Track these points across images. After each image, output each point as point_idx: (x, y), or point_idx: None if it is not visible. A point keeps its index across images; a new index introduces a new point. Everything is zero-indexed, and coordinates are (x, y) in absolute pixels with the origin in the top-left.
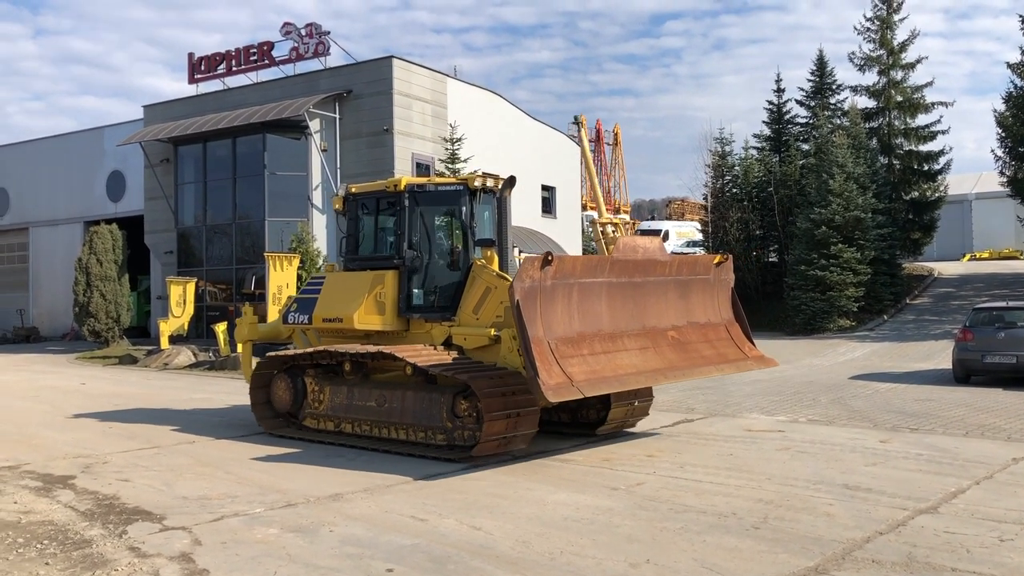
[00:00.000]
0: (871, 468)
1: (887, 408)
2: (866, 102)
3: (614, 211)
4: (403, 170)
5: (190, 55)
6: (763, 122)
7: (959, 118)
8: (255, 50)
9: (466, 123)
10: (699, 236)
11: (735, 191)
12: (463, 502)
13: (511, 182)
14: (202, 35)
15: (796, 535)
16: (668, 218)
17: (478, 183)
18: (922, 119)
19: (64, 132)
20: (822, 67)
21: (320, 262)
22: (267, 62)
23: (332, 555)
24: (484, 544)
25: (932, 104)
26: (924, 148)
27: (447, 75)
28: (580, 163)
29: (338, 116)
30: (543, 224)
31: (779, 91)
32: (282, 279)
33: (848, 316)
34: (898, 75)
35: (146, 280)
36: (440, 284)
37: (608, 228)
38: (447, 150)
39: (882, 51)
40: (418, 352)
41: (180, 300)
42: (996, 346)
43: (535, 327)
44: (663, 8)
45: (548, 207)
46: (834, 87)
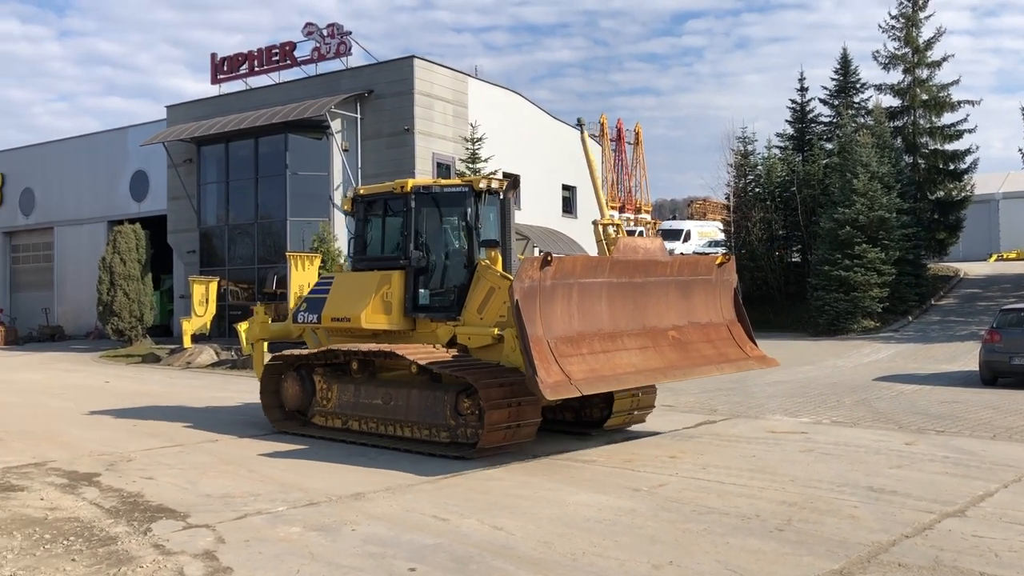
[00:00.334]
0: (896, 470)
1: (912, 410)
2: (891, 101)
3: (635, 211)
4: (424, 170)
5: (213, 56)
6: (786, 121)
7: (986, 117)
8: (277, 50)
9: (487, 123)
10: (721, 236)
11: (758, 191)
12: (484, 502)
13: (515, 183)
14: (225, 36)
15: (820, 537)
16: (690, 218)
17: (483, 185)
18: (948, 118)
19: (88, 132)
20: (846, 66)
21: (342, 261)
22: (289, 62)
23: (354, 554)
24: (506, 544)
25: (958, 102)
26: (950, 147)
27: (468, 75)
28: (601, 162)
29: (359, 116)
30: (564, 224)
31: (802, 90)
32: (304, 279)
33: (872, 317)
34: (923, 73)
35: (169, 279)
36: (445, 284)
37: (610, 229)
38: (468, 150)
39: (907, 49)
40: (423, 351)
41: (203, 299)
42: None
43: (534, 326)
44: (685, 7)
45: (569, 207)
46: (858, 86)
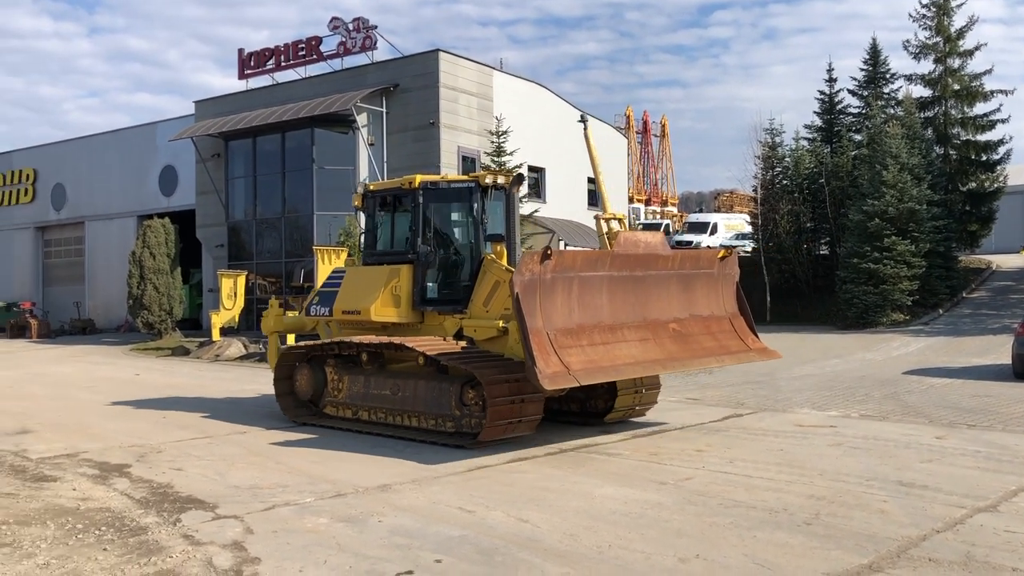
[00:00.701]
0: (927, 465)
1: (943, 404)
2: (921, 91)
3: (661, 203)
4: (449, 164)
5: (240, 51)
6: (814, 112)
7: (1019, 106)
8: (303, 45)
9: (512, 116)
10: (748, 228)
11: (785, 183)
12: (510, 494)
13: (519, 179)
14: (252, 31)
15: (849, 532)
16: (717, 210)
17: (489, 180)
18: (980, 108)
19: (118, 128)
20: (875, 56)
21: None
22: (315, 57)
23: (381, 545)
24: (532, 537)
25: (991, 92)
26: (982, 138)
27: (493, 68)
28: (627, 155)
29: (385, 110)
30: (590, 217)
31: (831, 81)
32: (330, 272)
33: (902, 310)
34: (955, 63)
35: (198, 273)
36: (452, 278)
37: (612, 223)
38: (493, 143)
39: (938, 38)
40: (430, 343)
41: (231, 293)
42: None
43: (534, 318)
44: None
45: (595, 200)
46: (888, 76)
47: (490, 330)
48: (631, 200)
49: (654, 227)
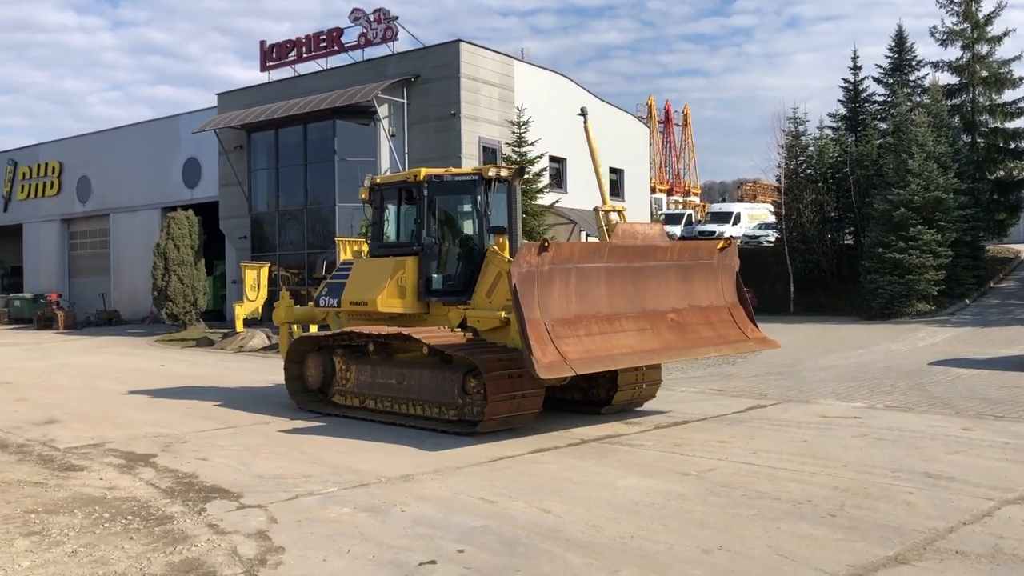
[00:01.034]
0: (953, 456)
1: (970, 395)
2: (948, 78)
3: (683, 193)
4: (470, 154)
5: (262, 43)
6: (838, 101)
7: None
8: (324, 37)
9: (533, 106)
10: (772, 218)
11: (809, 172)
12: (532, 485)
13: (520, 172)
14: (273, 23)
15: (874, 524)
16: (740, 200)
17: (492, 173)
18: (1009, 95)
19: (142, 121)
20: (901, 43)
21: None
22: (336, 48)
23: (404, 535)
24: (554, 527)
25: (1020, 79)
26: (1011, 125)
27: (514, 58)
28: (649, 145)
29: (406, 101)
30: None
31: (855, 69)
32: None
33: (928, 300)
34: (983, 49)
35: (221, 265)
36: (457, 269)
37: (611, 215)
38: (514, 134)
39: (966, 24)
40: (434, 334)
41: (254, 284)
42: None
43: (532, 309)
44: None
45: (616, 190)
46: (914, 63)
47: (492, 320)
48: (653, 190)
49: (676, 217)
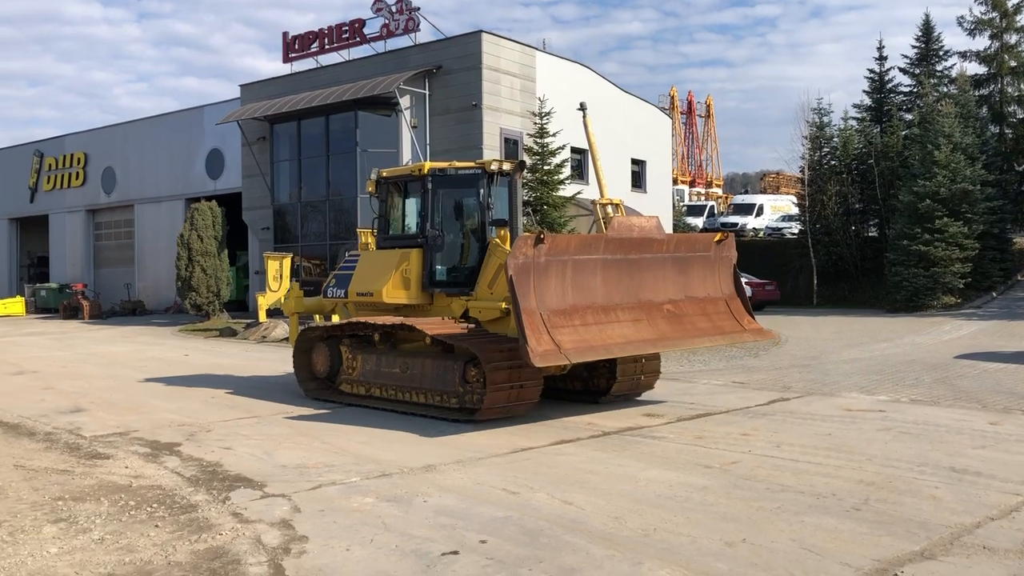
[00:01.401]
0: (980, 451)
1: (997, 389)
2: (976, 68)
3: (706, 184)
4: (492, 146)
5: (284, 34)
6: (863, 91)
7: None
8: (347, 28)
9: (555, 97)
10: (795, 210)
11: (833, 163)
12: (554, 476)
13: (521, 166)
14: (296, 15)
15: (900, 518)
16: (762, 192)
17: (495, 167)
18: None
19: (166, 112)
20: (928, 33)
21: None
22: (359, 39)
23: (426, 525)
24: (576, 519)
25: None
26: None
27: (536, 49)
28: (672, 136)
29: (428, 92)
30: (633, 199)
31: (881, 59)
32: None
33: (953, 293)
34: (1012, 39)
35: (244, 255)
36: (459, 262)
37: (608, 208)
38: (536, 125)
39: (995, 14)
40: (436, 324)
41: (277, 275)
42: None
43: (528, 299)
44: None
45: (638, 181)
46: (941, 53)
47: (494, 311)
48: (675, 181)
49: (698, 209)
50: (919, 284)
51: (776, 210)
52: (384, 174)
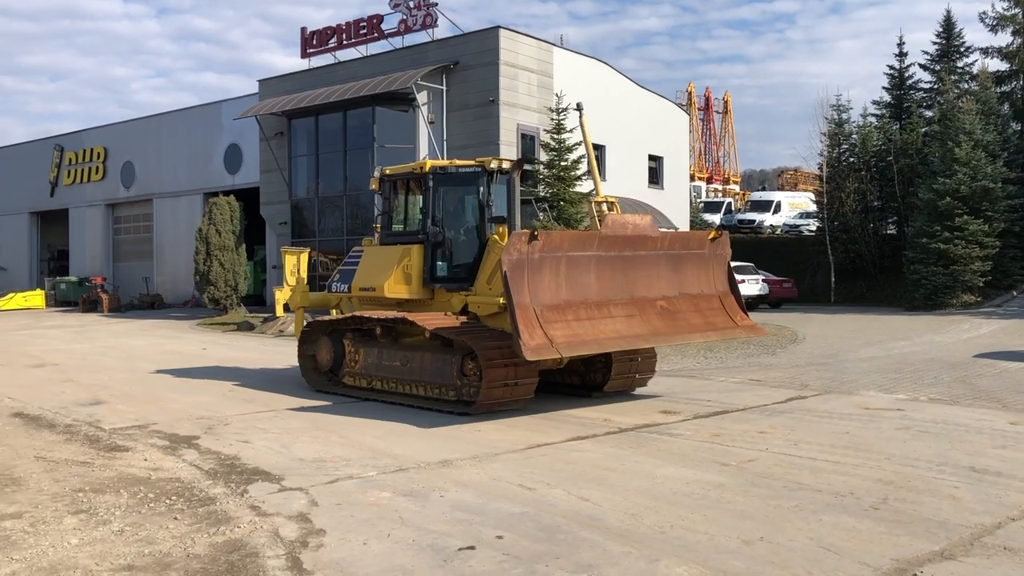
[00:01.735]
0: (1000, 451)
1: (1017, 388)
2: (998, 65)
3: (723, 181)
4: (509, 141)
5: (302, 30)
6: (883, 88)
7: None
8: (365, 23)
9: (572, 92)
10: (813, 207)
11: (852, 160)
12: (570, 473)
13: (519, 164)
14: (314, 10)
15: (919, 518)
16: (780, 188)
17: (494, 165)
18: None
19: (185, 107)
20: (949, 28)
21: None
22: (376, 35)
23: (443, 520)
24: (593, 515)
25: None
26: None
27: (553, 44)
28: (689, 132)
29: (445, 88)
30: (650, 195)
31: (901, 55)
32: None
33: (973, 291)
34: None
35: (262, 250)
36: (459, 258)
37: (604, 206)
38: (553, 120)
39: (1017, 9)
40: (435, 319)
41: (294, 269)
42: None
43: (521, 295)
44: None
45: (655, 177)
46: (962, 49)
47: (492, 306)
48: (692, 178)
49: (715, 206)
50: (938, 282)
51: (794, 207)
52: (387, 172)
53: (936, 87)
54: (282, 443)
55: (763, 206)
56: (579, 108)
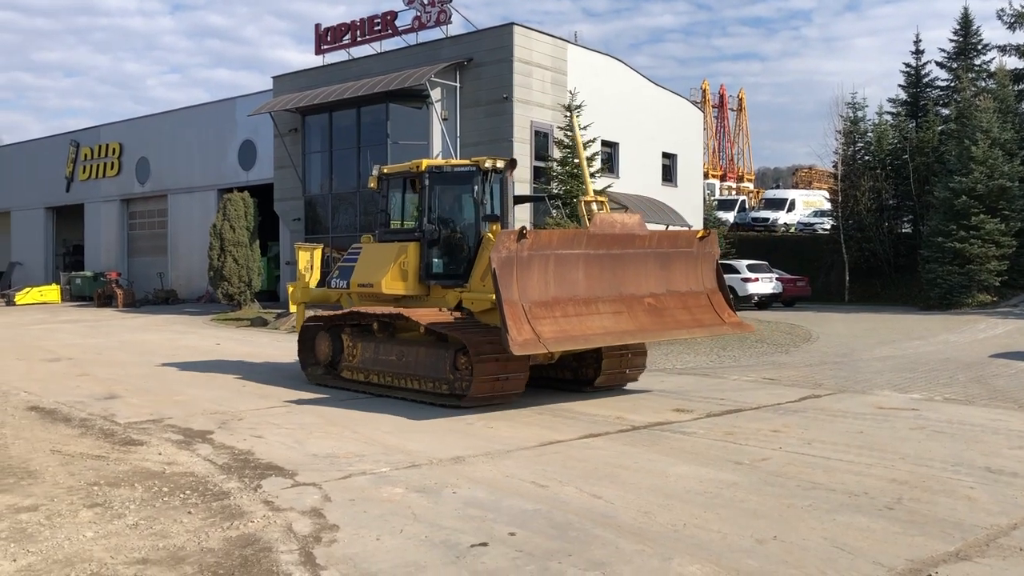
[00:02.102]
0: (1016, 451)
1: None
2: (1016, 63)
3: (737, 179)
4: (522, 138)
5: (317, 26)
6: (899, 86)
7: None
8: (379, 20)
9: (586, 90)
10: (827, 205)
11: (867, 158)
12: (583, 470)
13: (512, 164)
14: (328, 7)
15: (933, 518)
16: (795, 187)
17: (488, 165)
18: None
19: (199, 103)
20: (967, 26)
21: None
22: (390, 32)
23: (455, 516)
24: (605, 513)
25: None
26: None
27: (567, 41)
28: (703, 130)
29: (458, 85)
30: (663, 193)
31: (917, 53)
32: None
33: (989, 291)
34: None
35: (275, 246)
36: (455, 255)
37: (593, 205)
38: (566, 117)
39: None
40: (430, 314)
41: (308, 265)
42: None
43: (510, 291)
44: None
45: (669, 175)
46: (979, 47)
47: (485, 303)
48: (706, 176)
49: (729, 204)
50: (954, 282)
51: (808, 205)
52: (385, 171)
53: (953, 85)
54: (295, 438)
55: (777, 204)
56: (570, 109)
